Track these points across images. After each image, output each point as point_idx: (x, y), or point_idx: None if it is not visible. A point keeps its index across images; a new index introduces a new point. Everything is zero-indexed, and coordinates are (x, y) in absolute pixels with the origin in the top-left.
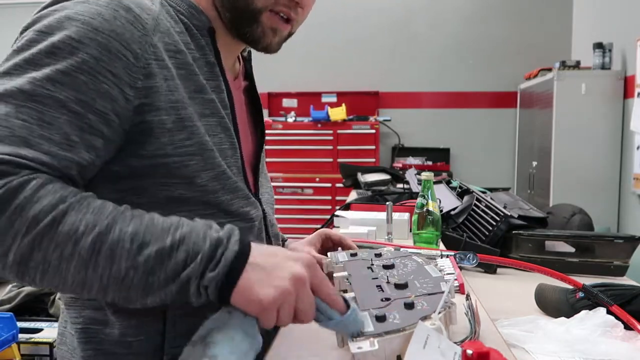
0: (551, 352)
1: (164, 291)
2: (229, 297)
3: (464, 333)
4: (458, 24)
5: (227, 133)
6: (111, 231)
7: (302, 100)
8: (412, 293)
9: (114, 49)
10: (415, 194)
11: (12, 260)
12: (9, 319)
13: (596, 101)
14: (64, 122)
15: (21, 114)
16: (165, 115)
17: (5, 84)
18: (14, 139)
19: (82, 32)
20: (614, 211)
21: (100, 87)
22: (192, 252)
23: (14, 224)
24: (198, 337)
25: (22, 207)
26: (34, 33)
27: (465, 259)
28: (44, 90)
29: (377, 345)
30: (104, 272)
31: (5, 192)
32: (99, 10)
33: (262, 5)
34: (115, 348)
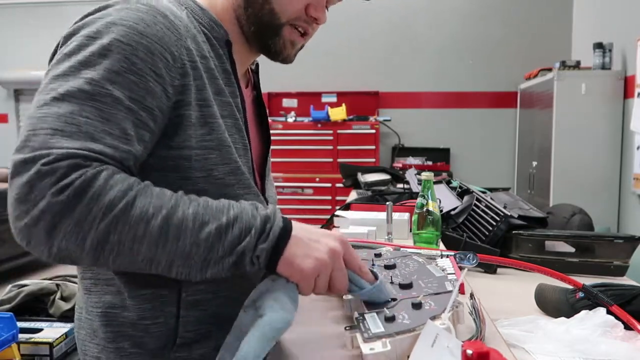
0: (551, 352)
1: (222, 264)
2: (276, 265)
3: (468, 333)
4: (458, 24)
5: (240, 134)
6: (176, 212)
7: (302, 100)
8: (418, 293)
9: (157, 51)
10: (415, 194)
11: (90, 245)
12: (9, 319)
13: (596, 101)
14: (121, 118)
15: (84, 112)
16: (192, 110)
17: (64, 85)
18: (81, 135)
19: (129, 36)
20: (614, 211)
21: (148, 86)
22: (246, 228)
23: (91, 210)
24: (249, 302)
25: (97, 195)
26: (83, 38)
27: (465, 259)
28: (102, 89)
29: (389, 345)
30: (171, 249)
31: (82, 182)
32: (141, 16)
33: (285, 20)
34: (133, 330)
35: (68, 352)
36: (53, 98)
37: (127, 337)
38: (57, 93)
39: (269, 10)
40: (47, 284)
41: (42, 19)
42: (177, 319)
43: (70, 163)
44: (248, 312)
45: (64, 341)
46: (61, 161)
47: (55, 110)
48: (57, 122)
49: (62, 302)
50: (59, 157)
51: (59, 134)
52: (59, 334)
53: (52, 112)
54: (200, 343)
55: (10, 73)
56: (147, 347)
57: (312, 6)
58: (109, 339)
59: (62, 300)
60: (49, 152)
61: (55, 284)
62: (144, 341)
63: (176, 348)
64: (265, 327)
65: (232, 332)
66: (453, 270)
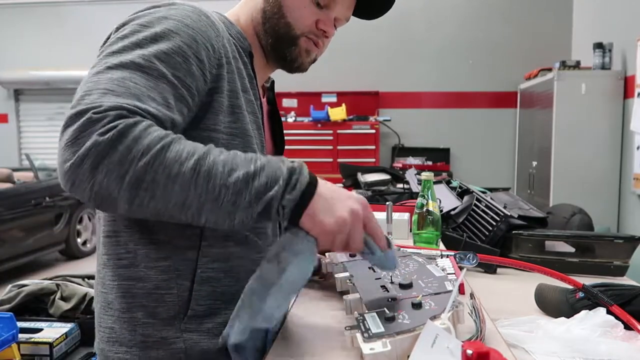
0: (551, 352)
1: (249, 211)
2: (299, 218)
3: (468, 332)
4: (458, 24)
5: (259, 132)
6: (207, 157)
7: (302, 100)
8: (418, 293)
9: (200, 41)
10: (415, 194)
11: (127, 182)
12: (9, 319)
13: (596, 101)
14: (164, 89)
15: (134, 79)
16: (224, 98)
17: (118, 58)
18: (129, 95)
19: (177, 26)
20: (614, 211)
21: (190, 68)
22: (273, 178)
23: (131, 150)
24: (271, 255)
25: (137, 137)
26: (136, 26)
27: (465, 259)
28: (151, 63)
29: (389, 346)
30: (202, 191)
31: (125, 126)
32: (187, 14)
33: (300, 32)
34: (147, 300)
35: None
36: (107, 67)
37: (141, 307)
38: (110, 64)
39: (285, 23)
40: (47, 284)
41: (42, 19)
42: (190, 292)
43: (117, 113)
44: (270, 264)
45: (64, 341)
46: (110, 111)
47: (109, 76)
48: (108, 84)
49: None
50: (108, 108)
51: (110, 93)
52: (59, 334)
53: (105, 78)
54: (209, 317)
55: (10, 73)
56: (160, 317)
57: (321, 21)
58: (123, 310)
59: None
60: (101, 104)
61: (55, 284)
62: (157, 311)
63: (187, 319)
64: (285, 283)
65: (257, 279)
66: (453, 270)
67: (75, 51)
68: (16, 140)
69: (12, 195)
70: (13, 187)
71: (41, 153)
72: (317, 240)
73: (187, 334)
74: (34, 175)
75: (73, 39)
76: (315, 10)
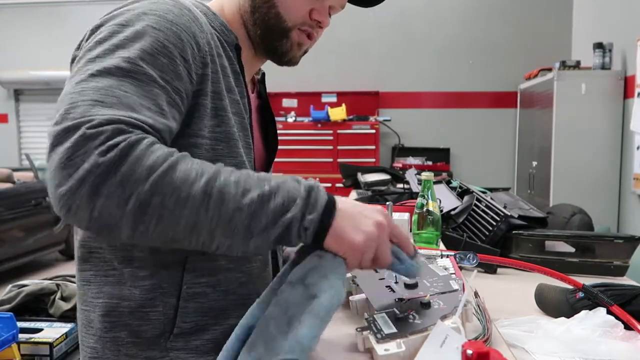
0: (551, 352)
1: (265, 235)
2: (324, 239)
3: (474, 332)
4: (458, 24)
5: (245, 133)
6: (217, 178)
7: (302, 100)
8: (425, 292)
9: (185, 39)
10: (415, 194)
11: (132, 207)
12: (9, 319)
13: (596, 101)
14: (156, 95)
15: (122, 86)
16: (208, 100)
17: (101, 64)
18: (122, 106)
19: (160, 23)
20: (614, 211)
21: (177, 69)
22: (289, 198)
23: (134, 171)
24: (296, 279)
25: (141, 157)
26: (114, 26)
27: (465, 259)
28: (138, 67)
29: (404, 346)
30: (213, 214)
31: (127, 144)
32: (169, 8)
33: (292, 24)
34: (131, 319)
35: (68, 352)
36: (90, 75)
37: (124, 327)
38: (93, 71)
39: (275, 13)
40: (47, 284)
41: (42, 19)
42: (176, 309)
43: (115, 127)
44: (296, 288)
45: (64, 341)
46: (106, 125)
47: (94, 84)
48: (96, 94)
49: (62, 302)
50: (103, 122)
51: (100, 105)
52: (59, 334)
53: (91, 87)
54: (195, 335)
55: (10, 73)
56: (144, 336)
57: (315, 11)
58: (105, 329)
59: (62, 300)
60: (92, 118)
61: (55, 284)
62: (141, 330)
63: (172, 337)
64: (320, 310)
65: (277, 305)
66: (453, 270)
67: None
68: (16, 140)
69: (12, 195)
70: (13, 187)
71: (41, 153)
72: (346, 260)
73: (174, 353)
74: (34, 175)
75: (73, 39)
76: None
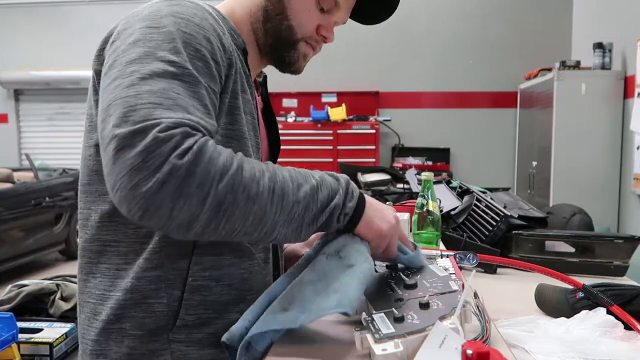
0: (551, 352)
1: (314, 223)
2: (357, 224)
3: (472, 332)
4: (458, 24)
5: (255, 133)
6: (276, 175)
7: (302, 100)
8: (424, 293)
9: (213, 41)
10: (415, 194)
11: (209, 205)
12: (9, 319)
13: (596, 101)
14: (202, 96)
15: (175, 89)
16: (227, 99)
17: (147, 67)
18: (178, 108)
19: (189, 27)
20: (614, 211)
21: (211, 72)
22: (333, 189)
23: (210, 172)
24: (332, 251)
25: (213, 158)
26: (145, 29)
27: (465, 259)
28: (184, 69)
29: (401, 346)
30: (277, 208)
31: (199, 147)
32: (194, 11)
33: (301, 36)
34: (135, 311)
35: (68, 352)
36: (140, 78)
37: (128, 318)
38: (142, 74)
39: (288, 26)
40: (47, 284)
41: (42, 19)
42: (180, 301)
43: (183, 131)
44: (331, 260)
45: (64, 341)
46: (174, 129)
47: (148, 87)
48: (154, 97)
49: (62, 302)
50: (171, 125)
51: (160, 107)
52: (59, 334)
53: (145, 90)
54: (198, 327)
55: (10, 73)
56: (147, 328)
57: (322, 27)
58: (110, 321)
59: (62, 300)
60: (160, 121)
61: (55, 284)
62: (145, 321)
63: (175, 329)
64: (359, 275)
65: (313, 272)
66: (453, 270)
67: (75, 51)
68: (16, 140)
69: (12, 195)
70: (13, 187)
71: (41, 153)
72: (370, 245)
73: (175, 345)
74: (34, 175)
75: (73, 39)
76: (319, 15)
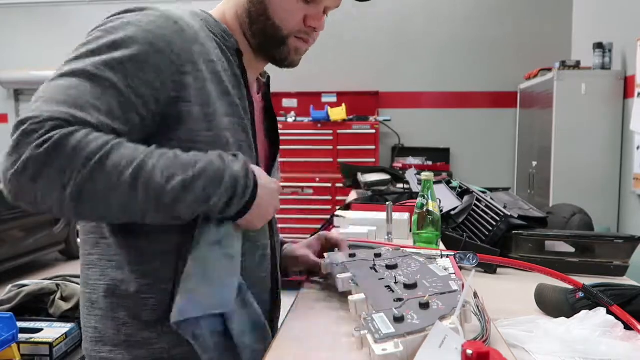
0: (551, 352)
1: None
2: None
3: (473, 332)
4: (458, 24)
5: (246, 134)
6: (145, 164)
7: (302, 100)
8: (424, 293)
9: (160, 49)
10: (415, 194)
11: (69, 193)
12: (9, 319)
13: (596, 101)
14: (111, 98)
15: (80, 87)
16: (193, 107)
17: (72, 66)
18: (70, 104)
19: (138, 33)
20: (614, 211)
21: (145, 77)
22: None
23: (71, 161)
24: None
25: (75, 147)
26: (99, 32)
27: (465, 259)
28: (100, 72)
29: (401, 346)
30: (141, 199)
31: (60, 137)
32: (153, 20)
33: (288, 33)
34: (131, 302)
35: (68, 352)
36: (59, 75)
37: (125, 308)
38: (63, 71)
39: (272, 24)
40: (47, 284)
41: (42, 19)
42: (171, 295)
43: (54, 124)
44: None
45: (64, 341)
46: (48, 121)
47: (56, 83)
48: (53, 92)
49: (62, 302)
50: (47, 118)
51: (52, 101)
52: (59, 334)
53: (53, 85)
54: None
55: (10, 73)
56: (142, 319)
57: (309, 17)
58: (107, 309)
59: (62, 300)
60: (39, 115)
61: (55, 284)
62: (139, 313)
63: (168, 322)
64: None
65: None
66: (453, 270)
67: None
68: None
69: None
70: None
71: None
72: None
73: (169, 337)
74: None
75: (73, 39)
76: (303, 7)
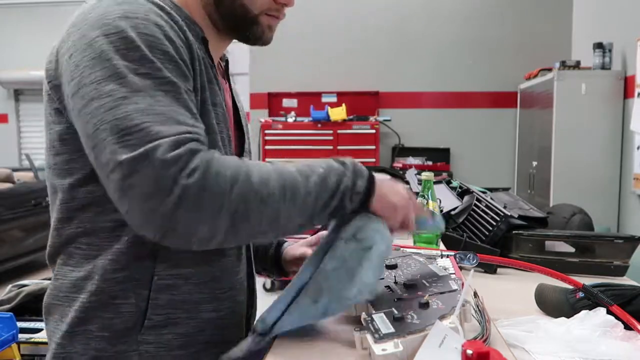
0: (551, 352)
1: (327, 209)
2: (370, 202)
3: (472, 332)
4: (458, 24)
5: (226, 124)
6: (283, 172)
7: (302, 100)
8: (424, 292)
9: (175, 39)
10: (415, 194)
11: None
12: (9, 319)
13: (596, 101)
14: (185, 101)
15: (160, 102)
16: (197, 95)
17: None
18: (170, 121)
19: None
20: (614, 211)
21: (182, 72)
22: (340, 173)
23: (220, 185)
24: (349, 235)
25: (219, 171)
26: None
27: (465, 259)
28: (162, 79)
29: (401, 346)
30: (290, 203)
31: (205, 163)
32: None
33: (258, 12)
34: (102, 312)
35: None
36: (122, 98)
37: (95, 320)
38: (122, 93)
39: (240, 5)
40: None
41: (42, 19)
42: (147, 301)
43: (187, 149)
44: (349, 244)
45: None
46: (177, 148)
47: (134, 107)
48: (144, 116)
49: None
50: (173, 145)
51: (154, 125)
52: None
53: (132, 109)
54: (167, 328)
55: (10, 73)
56: (115, 329)
57: None
58: (74, 324)
59: None
60: (159, 143)
61: None
62: (112, 322)
63: (143, 330)
64: (376, 257)
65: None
66: (453, 270)
67: None
68: (16, 140)
69: (12, 195)
70: (13, 187)
71: (41, 153)
72: (386, 220)
73: (144, 347)
74: (34, 175)
75: None
76: None
